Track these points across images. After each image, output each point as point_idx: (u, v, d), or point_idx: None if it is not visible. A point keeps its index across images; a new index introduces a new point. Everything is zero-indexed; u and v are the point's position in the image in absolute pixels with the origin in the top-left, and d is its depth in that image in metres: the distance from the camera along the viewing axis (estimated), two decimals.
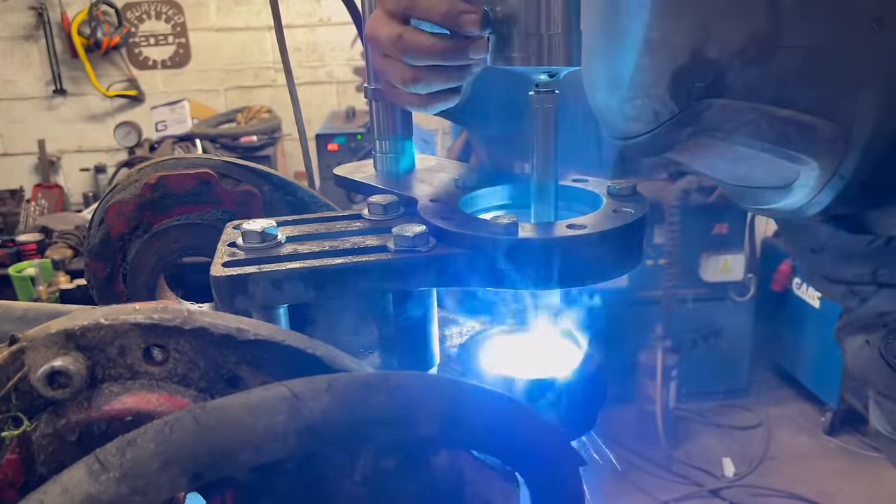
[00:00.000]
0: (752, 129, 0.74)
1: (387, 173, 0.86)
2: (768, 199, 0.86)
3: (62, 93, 4.92)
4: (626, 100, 0.77)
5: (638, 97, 0.76)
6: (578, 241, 0.64)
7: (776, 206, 0.86)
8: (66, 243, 3.18)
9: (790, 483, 3.47)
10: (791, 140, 0.74)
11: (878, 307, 0.98)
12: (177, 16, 4.92)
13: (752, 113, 0.73)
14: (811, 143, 0.74)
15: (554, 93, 0.67)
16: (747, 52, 0.70)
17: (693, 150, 0.80)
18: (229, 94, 5.05)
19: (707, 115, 0.74)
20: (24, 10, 4.78)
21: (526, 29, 0.65)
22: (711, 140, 0.76)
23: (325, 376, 0.44)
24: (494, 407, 0.48)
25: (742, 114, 0.73)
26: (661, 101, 0.74)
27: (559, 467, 0.51)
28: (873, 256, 0.93)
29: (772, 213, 0.90)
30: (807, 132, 0.73)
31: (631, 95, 0.76)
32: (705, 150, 0.80)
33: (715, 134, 0.76)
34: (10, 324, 0.63)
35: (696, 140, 0.77)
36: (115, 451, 0.40)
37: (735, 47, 0.70)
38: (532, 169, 0.71)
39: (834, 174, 0.76)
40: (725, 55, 0.71)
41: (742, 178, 0.87)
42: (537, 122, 0.69)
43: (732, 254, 3.95)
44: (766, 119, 0.73)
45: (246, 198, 0.85)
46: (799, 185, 0.79)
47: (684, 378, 3.92)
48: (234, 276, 0.61)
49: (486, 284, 0.66)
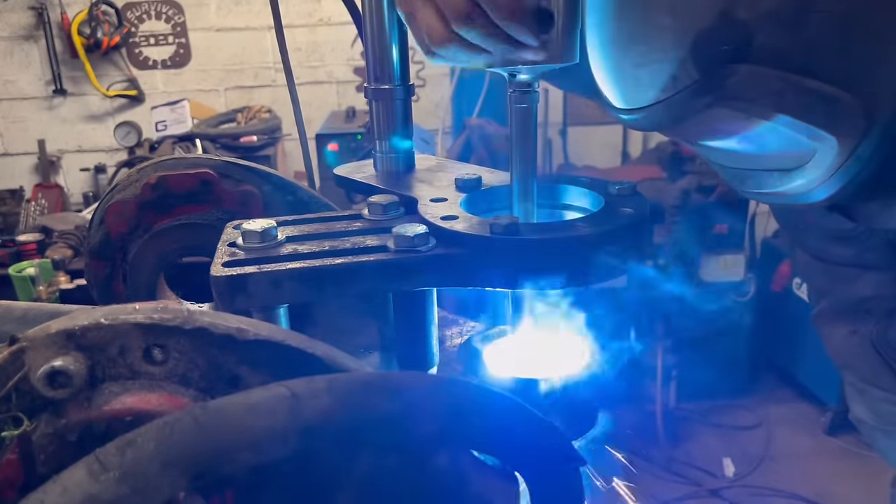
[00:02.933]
0: (776, 100, 0.68)
1: (387, 173, 0.86)
2: (773, 183, 0.81)
3: (62, 93, 4.91)
4: (640, 64, 0.72)
5: (655, 61, 0.70)
6: (579, 241, 0.64)
7: (781, 190, 0.81)
8: (66, 243, 3.17)
9: (790, 483, 3.47)
10: (815, 113, 0.69)
11: (860, 291, 0.97)
12: (177, 16, 4.92)
13: (778, 82, 0.68)
14: (834, 119, 0.69)
15: (533, 92, 0.68)
16: (780, 13, 0.65)
17: (705, 125, 0.74)
18: (229, 94, 5.05)
19: (730, 83, 0.68)
20: (24, 10, 4.78)
21: None
22: (729, 111, 0.71)
23: (324, 376, 0.44)
24: (494, 407, 0.48)
25: (768, 82, 0.68)
26: (681, 66, 0.69)
27: (559, 467, 0.51)
28: (859, 239, 0.92)
29: (774, 197, 0.85)
30: (831, 106, 0.68)
31: (647, 59, 0.71)
32: (718, 127, 0.75)
33: (736, 104, 0.70)
34: (10, 324, 0.63)
35: (711, 112, 0.71)
36: (115, 451, 0.40)
37: (767, 8, 0.65)
38: (511, 168, 0.71)
39: (850, 155, 0.71)
40: (756, 16, 0.66)
41: (749, 159, 0.81)
42: (514, 122, 0.69)
43: (732, 254, 3.95)
44: (793, 89, 0.68)
45: (246, 198, 0.85)
46: (812, 166, 0.74)
47: (684, 378, 3.92)
48: (234, 276, 0.61)
49: (486, 284, 0.66)
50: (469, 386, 0.48)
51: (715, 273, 3.96)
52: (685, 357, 3.92)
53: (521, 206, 0.72)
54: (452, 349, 0.80)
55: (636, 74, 0.73)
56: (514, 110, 0.70)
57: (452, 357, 0.78)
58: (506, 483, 0.52)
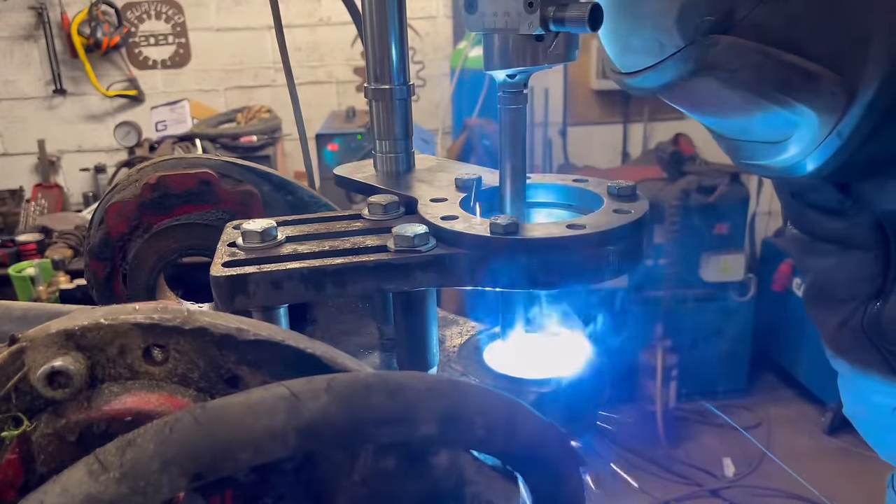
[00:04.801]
0: (756, 72, 0.72)
1: (387, 173, 0.86)
2: (763, 154, 0.84)
3: (62, 93, 4.91)
4: (631, 30, 0.75)
5: (644, 27, 0.73)
6: (578, 241, 0.64)
7: (770, 163, 0.84)
8: (66, 243, 3.18)
9: (790, 483, 3.47)
10: (793, 87, 0.72)
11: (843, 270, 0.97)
12: (177, 16, 4.92)
13: (757, 54, 0.71)
14: (813, 94, 0.72)
15: (521, 93, 0.68)
16: None
17: (693, 93, 0.78)
18: (229, 94, 5.05)
19: (712, 53, 0.72)
20: (24, 9, 4.77)
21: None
22: (714, 81, 0.74)
23: (324, 376, 0.44)
24: (494, 407, 0.48)
25: (748, 54, 0.71)
26: (668, 33, 0.72)
27: (559, 467, 0.51)
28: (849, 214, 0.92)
29: (765, 169, 0.89)
30: (810, 81, 0.71)
31: (637, 25, 0.74)
32: (706, 96, 0.78)
33: (718, 73, 0.73)
34: (10, 324, 0.63)
35: (698, 81, 0.75)
36: (115, 451, 0.40)
37: None
38: (500, 169, 0.71)
39: (832, 131, 0.74)
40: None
41: (739, 130, 0.85)
42: (505, 123, 0.69)
43: (732, 254, 3.95)
44: (772, 62, 0.71)
45: (246, 198, 0.85)
46: (795, 140, 0.77)
47: (684, 378, 3.92)
48: (234, 276, 0.61)
49: (485, 284, 0.66)
50: (469, 386, 0.48)
51: (715, 273, 3.96)
52: (685, 357, 3.92)
53: (513, 208, 0.72)
54: (452, 349, 0.80)
55: (628, 40, 0.76)
56: (504, 112, 0.70)
57: (452, 357, 0.78)
58: (506, 483, 0.52)
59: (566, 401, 0.70)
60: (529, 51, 0.66)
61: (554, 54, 0.66)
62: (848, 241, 0.95)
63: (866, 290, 0.96)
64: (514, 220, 0.64)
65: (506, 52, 0.67)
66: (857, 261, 0.95)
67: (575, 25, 0.62)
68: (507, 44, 0.67)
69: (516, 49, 0.67)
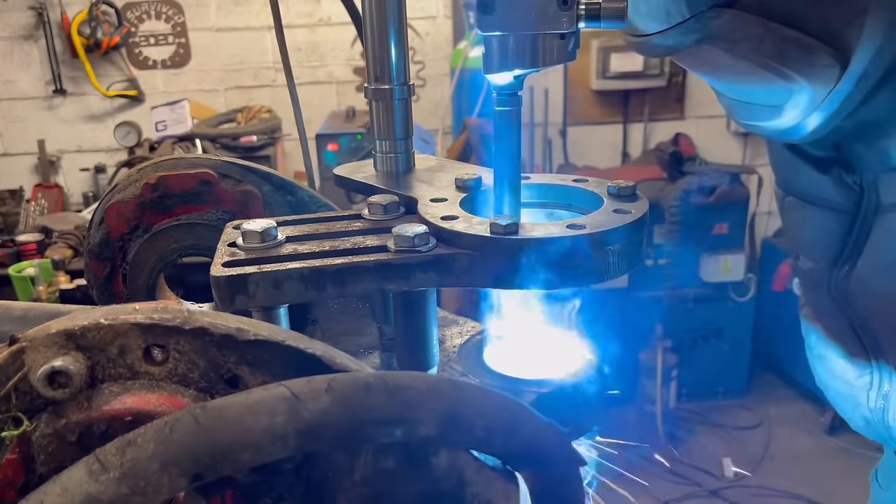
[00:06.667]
0: (756, 43, 0.76)
1: (387, 173, 0.86)
2: (761, 116, 0.90)
3: (62, 93, 4.91)
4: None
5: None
6: (578, 241, 0.64)
7: (767, 125, 0.90)
8: (66, 243, 3.17)
9: (790, 483, 3.47)
10: (789, 58, 0.76)
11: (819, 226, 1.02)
12: (177, 16, 4.92)
13: (758, 27, 0.75)
14: (807, 66, 0.77)
15: (517, 94, 0.68)
16: None
17: (697, 57, 0.83)
18: (229, 94, 5.05)
19: (716, 24, 0.76)
20: (24, 10, 4.77)
21: None
22: (716, 49, 0.79)
23: (324, 376, 0.44)
24: (494, 407, 0.48)
25: (749, 27, 0.75)
26: (675, 3, 0.76)
27: (559, 467, 0.51)
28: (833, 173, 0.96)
29: (762, 129, 0.94)
30: (805, 54, 0.76)
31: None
32: (708, 61, 0.83)
33: (720, 43, 0.78)
34: (10, 324, 0.63)
35: (701, 48, 0.79)
36: (115, 451, 0.40)
37: None
38: (494, 171, 0.72)
39: (824, 100, 0.79)
40: None
41: (740, 93, 0.90)
42: (499, 125, 0.70)
43: (732, 254, 3.95)
44: (771, 35, 0.75)
45: (246, 198, 0.85)
46: (791, 105, 0.82)
47: (684, 378, 3.92)
48: (234, 276, 0.61)
49: (485, 284, 0.66)
50: (469, 386, 0.48)
51: (715, 273, 3.96)
52: (685, 357, 3.92)
53: (508, 209, 0.72)
54: (452, 349, 0.80)
55: (636, 5, 0.80)
56: (498, 114, 0.70)
57: (452, 357, 0.78)
58: (506, 483, 0.52)
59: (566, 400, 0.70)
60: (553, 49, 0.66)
61: (564, 52, 0.66)
62: (826, 201, 1.00)
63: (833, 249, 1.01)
64: (515, 220, 0.64)
65: (520, 54, 0.66)
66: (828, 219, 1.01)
67: (611, 20, 0.63)
68: (523, 44, 0.66)
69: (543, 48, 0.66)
